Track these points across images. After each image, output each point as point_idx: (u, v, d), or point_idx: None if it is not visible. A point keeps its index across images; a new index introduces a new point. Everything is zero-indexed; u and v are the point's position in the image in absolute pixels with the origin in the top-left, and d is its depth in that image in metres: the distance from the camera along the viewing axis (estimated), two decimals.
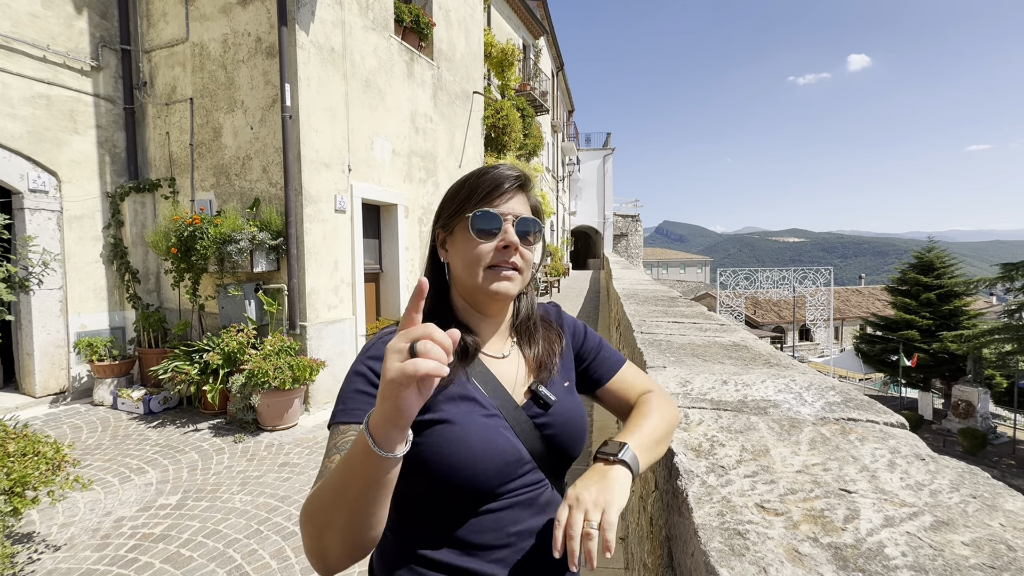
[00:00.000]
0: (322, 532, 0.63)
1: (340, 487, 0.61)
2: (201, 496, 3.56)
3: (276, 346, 4.90)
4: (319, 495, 0.63)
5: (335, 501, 0.61)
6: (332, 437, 0.72)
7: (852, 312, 33.57)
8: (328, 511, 0.62)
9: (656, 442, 0.80)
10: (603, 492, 0.67)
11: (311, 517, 0.64)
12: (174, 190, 6.12)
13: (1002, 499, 0.67)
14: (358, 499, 0.59)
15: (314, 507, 0.63)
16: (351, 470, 0.59)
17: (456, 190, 0.86)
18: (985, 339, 17.49)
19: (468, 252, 0.82)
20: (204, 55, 5.78)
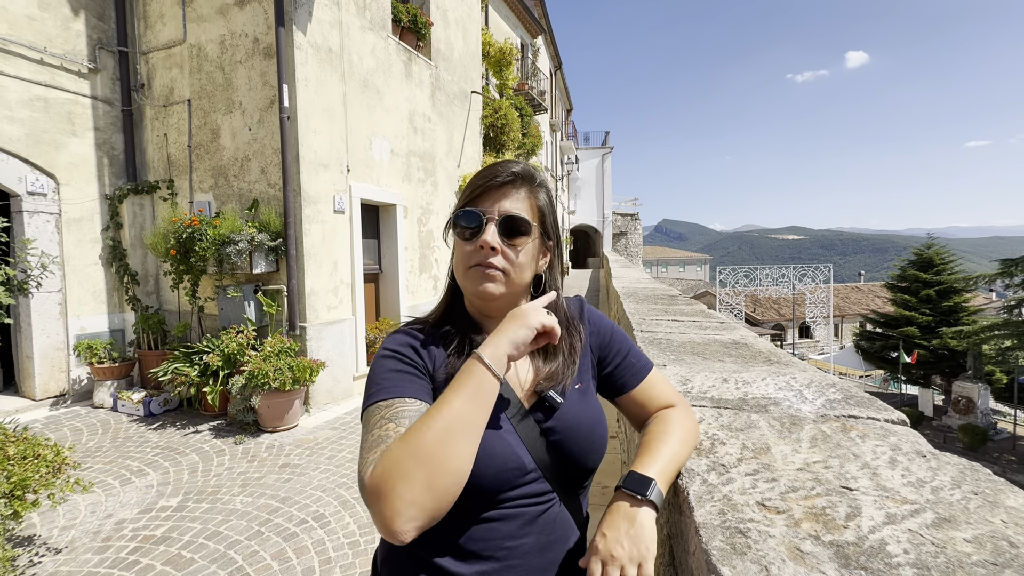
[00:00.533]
0: (442, 468, 0.62)
1: (465, 418, 0.66)
2: (202, 498, 3.56)
3: (276, 347, 4.90)
4: (433, 434, 0.63)
5: (462, 431, 0.65)
6: (374, 414, 0.71)
7: (852, 309, 33.58)
8: (452, 444, 0.64)
9: (676, 471, 0.76)
10: (636, 544, 0.64)
11: (428, 457, 0.62)
12: (172, 192, 6.12)
13: (1003, 496, 0.67)
14: (480, 425, 0.67)
15: (430, 446, 0.62)
16: (474, 400, 0.67)
17: (462, 192, 0.87)
18: (985, 335, 17.50)
19: (456, 252, 0.84)
20: (202, 56, 5.78)
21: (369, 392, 0.75)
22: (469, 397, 0.68)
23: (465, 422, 0.66)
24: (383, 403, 0.72)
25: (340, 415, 5.43)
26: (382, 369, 0.77)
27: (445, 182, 8.18)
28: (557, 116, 20.75)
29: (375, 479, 0.62)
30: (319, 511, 3.41)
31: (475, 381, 0.69)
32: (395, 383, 0.74)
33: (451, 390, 0.68)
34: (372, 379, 0.77)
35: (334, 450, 4.47)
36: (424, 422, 0.65)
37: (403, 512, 0.60)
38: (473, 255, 0.80)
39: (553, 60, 19.84)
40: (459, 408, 0.66)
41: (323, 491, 3.69)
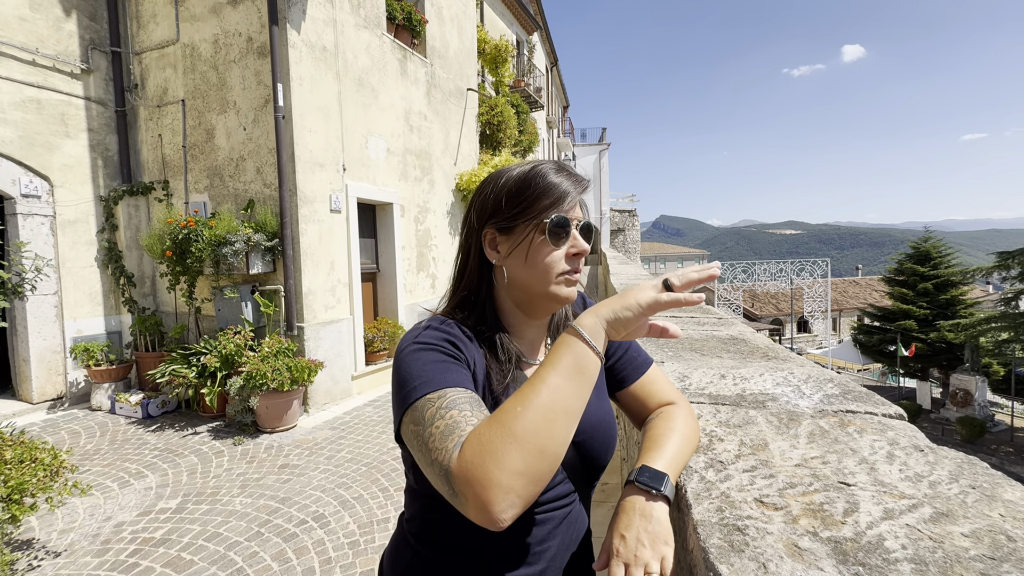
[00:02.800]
0: (542, 451, 0.57)
1: (565, 398, 0.60)
2: (201, 499, 3.55)
3: (274, 348, 4.89)
4: (532, 414, 0.58)
5: (561, 413, 0.59)
6: (427, 408, 0.64)
7: (850, 303, 33.67)
8: (552, 425, 0.59)
9: (681, 468, 0.76)
10: (657, 541, 0.63)
11: (526, 439, 0.57)
12: (168, 193, 6.09)
13: (1001, 489, 0.67)
14: (580, 408, 0.62)
15: (528, 427, 0.57)
16: (574, 378, 0.61)
17: (519, 188, 0.79)
18: (982, 328, 17.56)
19: (540, 257, 0.77)
20: (195, 56, 5.74)
21: (410, 387, 0.67)
22: (569, 375, 0.62)
23: (565, 403, 0.60)
24: (432, 395, 0.65)
25: (339, 415, 5.43)
26: (422, 362, 0.69)
27: (442, 180, 8.16)
28: (554, 113, 20.71)
29: (466, 464, 0.57)
30: (319, 511, 3.41)
31: (573, 357, 0.63)
32: (441, 373, 0.68)
33: (548, 366, 0.63)
34: (411, 372, 0.69)
35: (333, 450, 4.46)
36: (519, 401, 0.60)
37: (502, 498, 0.55)
38: (567, 261, 0.79)
39: (549, 56, 19.79)
40: (557, 386, 0.61)
41: (322, 491, 3.69)
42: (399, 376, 0.70)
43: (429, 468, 0.61)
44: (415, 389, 0.67)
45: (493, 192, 0.81)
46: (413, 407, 0.66)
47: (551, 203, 0.77)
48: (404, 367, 0.70)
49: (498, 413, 0.60)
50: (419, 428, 0.63)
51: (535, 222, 0.77)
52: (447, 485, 0.58)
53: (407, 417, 0.66)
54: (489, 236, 0.81)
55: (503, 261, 0.81)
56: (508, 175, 0.81)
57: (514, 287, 0.81)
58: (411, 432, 0.65)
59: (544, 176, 0.79)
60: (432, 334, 0.74)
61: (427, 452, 0.61)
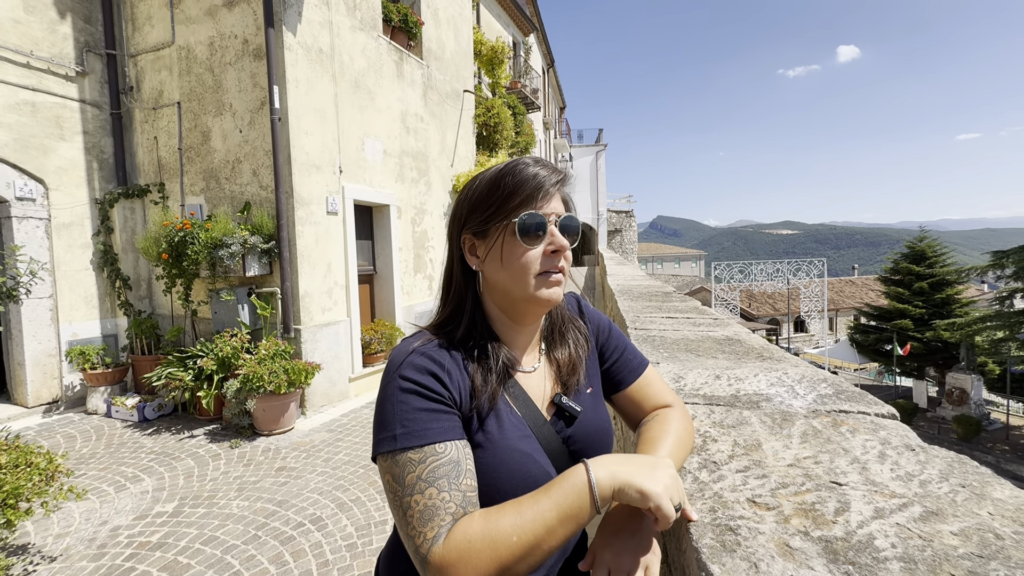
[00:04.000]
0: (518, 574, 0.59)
1: (554, 537, 0.60)
2: (198, 503, 3.54)
3: (270, 350, 4.88)
4: (521, 545, 0.58)
5: (547, 550, 0.60)
6: (407, 469, 0.64)
7: (846, 303, 33.80)
8: (534, 557, 0.59)
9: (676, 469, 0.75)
10: (641, 549, 0.63)
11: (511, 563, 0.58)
12: (163, 195, 6.08)
13: (990, 488, 0.67)
14: (563, 543, 0.61)
15: (514, 554, 0.58)
16: (570, 521, 0.60)
17: (490, 190, 0.76)
18: (977, 327, 17.65)
19: (514, 259, 0.75)
20: (191, 58, 5.74)
21: (389, 433, 0.66)
22: (566, 519, 0.60)
23: (553, 543, 0.60)
24: (412, 453, 0.64)
25: (336, 417, 5.42)
26: (404, 407, 0.67)
27: (439, 182, 8.16)
28: (550, 114, 20.75)
29: (447, 562, 0.58)
30: (316, 514, 3.40)
31: (577, 504, 0.61)
32: (423, 424, 0.66)
33: (550, 498, 0.61)
34: (392, 415, 0.67)
35: (331, 452, 4.45)
36: (516, 529, 0.59)
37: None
38: (544, 261, 0.75)
39: (545, 58, 19.83)
40: (553, 529, 0.60)
41: (320, 494, 3.68)
42: (381, 413, 0.69)
43: (404, 536, 0.63)
44: (395, 439, 0.65)
45: (467, 197, 0.79)
46: (393, 459, 0.65)
47: (521, 200, 0.74)
48: (388, 405, 0.68)
49: (493, 523, 0.60)
50: (397, 487, 0.64)
51: (505, 222, 0.75)
52: (422, 569, 0.60)
53: (384, 464, 0.66)
54: (468, 242, 0.80)
55: (481, 266, 0.79)
56: (482, 177, 0.79)
57: (495, 292, 0.80)
58: (387, 483, 0.66)
59: (514, 173, 0.76)
60: (418, 363, 0.70)
61: (403, 521, 0.63)
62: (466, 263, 0.80)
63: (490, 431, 0.71)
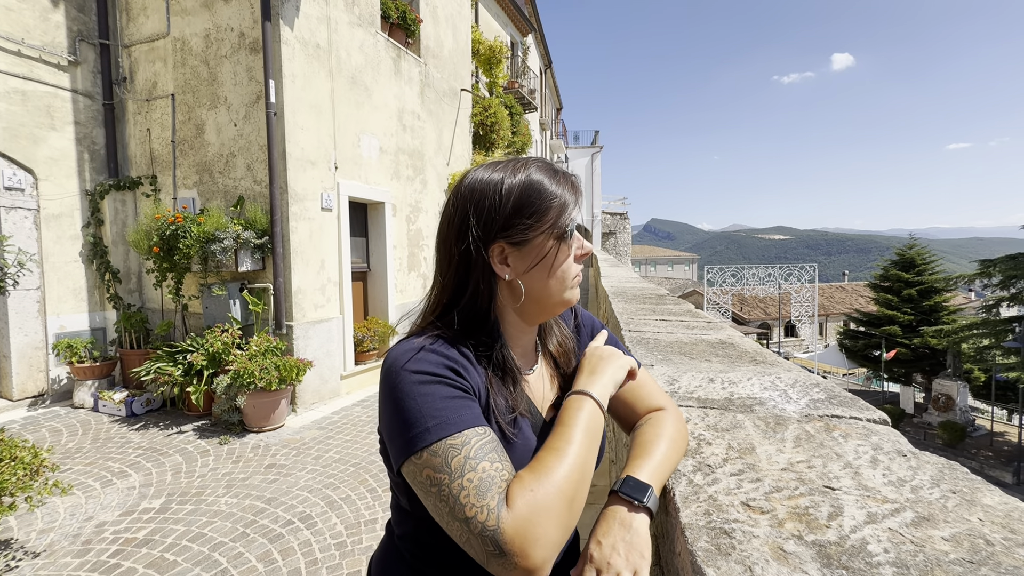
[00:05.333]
0: (579, 509, 0.61)
1: (588, 460, 0.65)
2: (185, 499, 3.51)
3: (262, 346, 4.84)
4: (575, 475, 0.62)
5: (588, 474, 0.64)
6: (451, 454, 0.61)
7: (836, 308, 34.12)
8: (584, 485, 0.63)
9: (668, 475, 0.75)
10: (631, 552, 0.63)
11: (572, 499, 0.61)
12: (155, 188, 6.01)
13: (980, 494, 0.68)
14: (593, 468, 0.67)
15: (573, 488, 0.61)
16: (593, 441, 0.67)
17: (527, 198, 0.73)
18: (964, 334, 17.90)
19: (560, 266, 0.75)
20: (186, 50, 5.68)
21: (421, 427, 0.62)
22: (591, 437, 0.67)
23: (589, 464, 0.65)
24: (453, 440, 0.61)
25: (327, 415, 5.39)
26: (432, 397, 0.64)
27: (434, 180, 8.14)
28: (547, 115, 20.77)
29: (522, 522, 0.56)
30: (305, 512, 3.38)
31: (593, 423, 0.69)
32: (455, 412, 0.64)
33: (572, 427, 0.67)
34: (418, 410, 0.63)
35: (321, 450, 4.43)
36: (559, 460, 0.62)
37: (551, 554, 0.57)
38: (575, 267, 0.78)
39: (543, 59, 19.85)
40: (586, 448, 0.65)
41: (309, 491, 3.66)
42: (403, 412, 0.64)
43: (457, 523, 0.58)
44: (429, 431, 0.62)
45: (496, 203, 0.74)
46: (431, 451, 0.61)
47: (561, 207, 0.75)
48: (409, 401, 0.64)
49: (542, 469, 0.62)
50: (442, 477, 0.60)
51: (555, 230, 0.74)
52: (489, 545, 0.56)
53: (419, 461, 0.62)
54: (498, 251, 0.75)
55: (520, 276, 0.75)
56: (507, 183, 0.75)
57: (529, 299, 0.77)
58: (427, 479, 0.61)
59: (546, 182, 0.75)
60: (431, 358, 0.68)
61: (455, 507, 0.58)
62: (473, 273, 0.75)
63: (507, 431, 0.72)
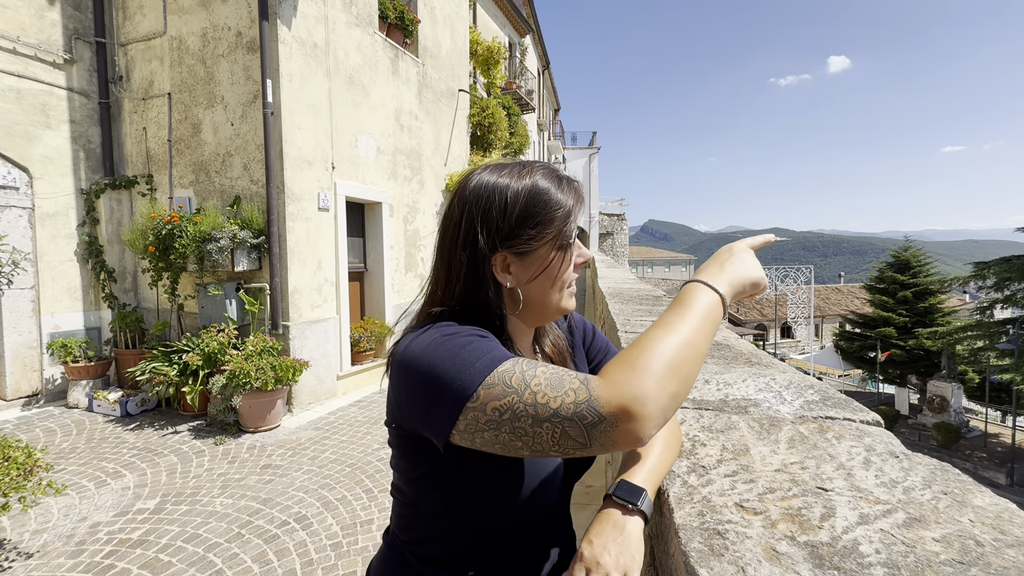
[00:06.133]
0: (686, 381, 0.59)
1: (699, 339, 0.61)
2: (180, 500, 3.49)
3: (258, 346, 4.83)
4: (679, 350, 0.58)
5: (699, 352, 0.61)
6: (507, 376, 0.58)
7: (832, 310, 34.26)
8: (693, 361, 0.60)
9: (662, 477, 0.75)
10: (623, 553, 0.62)
11: (679, 366, 0.57)
12: (151, 187, 5.99)
13: (971, 495, 0.69)
14: (704, 355, 0.63)
15: (681, 358, 0.58)
16: (705, 323, 0.63)
17: (532, 207, 0.73)
18: (958, 336, 17.99)
19: (561, 275, 0.76)
20: (182, 49, 5.66)
21: (472, 368, 0.60)
22: (708, 325, 0.63)
23: (702, 343, 0.61)
24: (501, 368, 0.59)
25: (323, 415, 5.38)
26: (469, 345, 0.63)
27: (432, 180, 8.14)
28: (545, 116, 20.79)
29: (618, 384, 0.55)
30: (301, 512, 3.37)
31: (714, 313, 0.65)
32: (496, 348, 0.63)
33: (689, 309, 0.63)
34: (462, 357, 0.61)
35: (317, 450, 4.42)
36: (667, 334, 0.59)
37: (658, 416, 0.55)
38: (572, 273, 0.77)
39: (541, 59, 19.87)
40: (700, 332, 0.61)
41: (305, 492, 3.65)
42: (443, 367, 0.61)
43: (546, 425, 0.56)
44: (478, 371, 0.59)
45: (502, 211, 0.73)
46: (486, 386, 0.58)
47: (565, 217, 0.74)
48: (448, 355, 0.62)
49: (644, 339, 0.60)
50: (510, 398, 0.57)
51: (558, 241, 0.74)
52: (587, 416, 0.55)
53: (478, 403, 0.58)
54: (501, 260, 0.74)
55: (518, 282, 0.75)
56: (512, 189, 0.73)
57: (528, 307, 0.77)
58: (493, 412, 0.58)
59: (552, 190, 0.74)
60: (449, 325, 0.68)
61: (537, 411, 0.56)
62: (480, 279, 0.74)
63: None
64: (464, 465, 0.69)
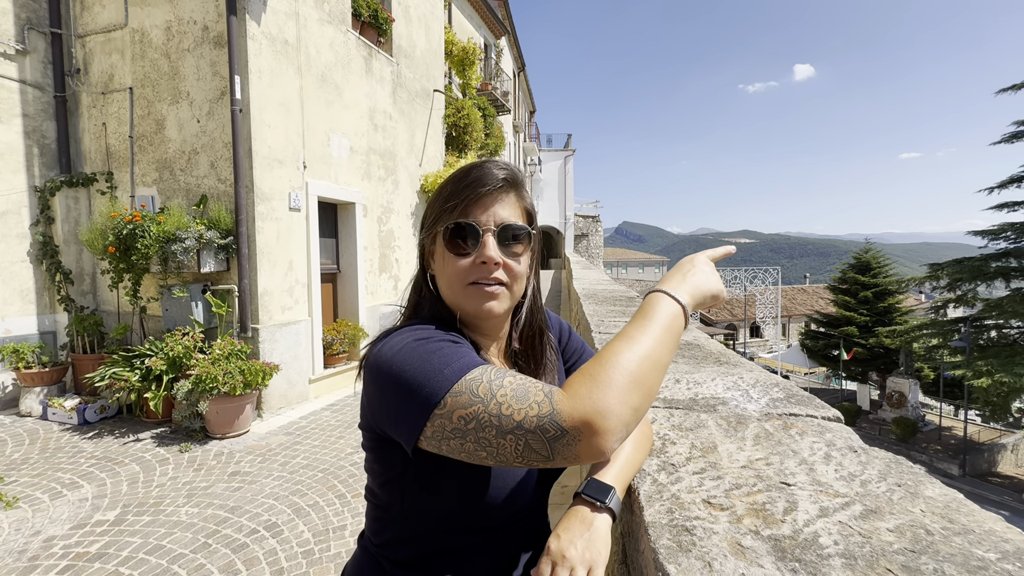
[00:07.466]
0: (649, 393, 0.60)
1: (661, 351, 0.63)
2: (143, 510, 3.36)
3: (226, 350, 4.69)
4: (641, 363, 0.59)
5: (661, 364, 0.62)
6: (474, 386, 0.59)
7: (798, 310, 35.42)
8: (655, 372, 0.61)
9: (632, 476, 0.76)
10: (589, 547, 0.63)
11: (642, 380, 0.58)
12: (112, 185, 5.75)
13: (923, 486, 0.72)
14: (667, 366, 0.64)
15: (643, 371, 0.59)
16: (668, 335, 0.64)
17: (436, 195, 0.76)
18: (915, 334, 18.85)
19: (446, 268, 0.74)
20: (145, 42, 5.46)
21: (439, 375, 0.60)
22: (669, 337, 0.64)
23: (664, 355, 0.63)
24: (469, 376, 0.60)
25: (295, 420, 5.26)
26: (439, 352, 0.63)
27: (406, 181, 8.06)
28: (520, 117, 20.85)
29: (582, 399, 0.56)
30: (271, 520, 3.29)
31: (675, 324, 0.66)
32: (466, 355, 0.63)
33: (646, 319, 0.65)
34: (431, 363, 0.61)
35: (288, 456, 4.32)
36: (630, 346, 0.61)
37: (620, 429, 0.56)
38: (471, 271, 0.72)
39: (516, 61, 19.93)
40: (662, 344, 0.63)
41: (276, 499, 3.56)
42: (413, 373, 0.61)
43: (510, 437, 0.57)
44: (446, 377, 0.60)
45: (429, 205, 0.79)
46: (453, 394, 0.59)
47: (454, 206, 0.73)
48: (417, 361, 0.62)
49: (607, 353, 0.60)
50: (475, 408, 0.58)
51: (440, 229, 0.74)
52: (549, 430, 0.55)
53: (445, 410, 0.59)
54: (428, 247, 0.79)
55: (434, 272, 0.78)
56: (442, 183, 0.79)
57: (445, 300, 0.77)
58: (459, 421, 0.58)
59: (455, 178, 0.75)
60: (423, 328, 0.68)
61: (501, 422, 0.57)
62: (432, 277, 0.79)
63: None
64: (436, 468, 0.69)
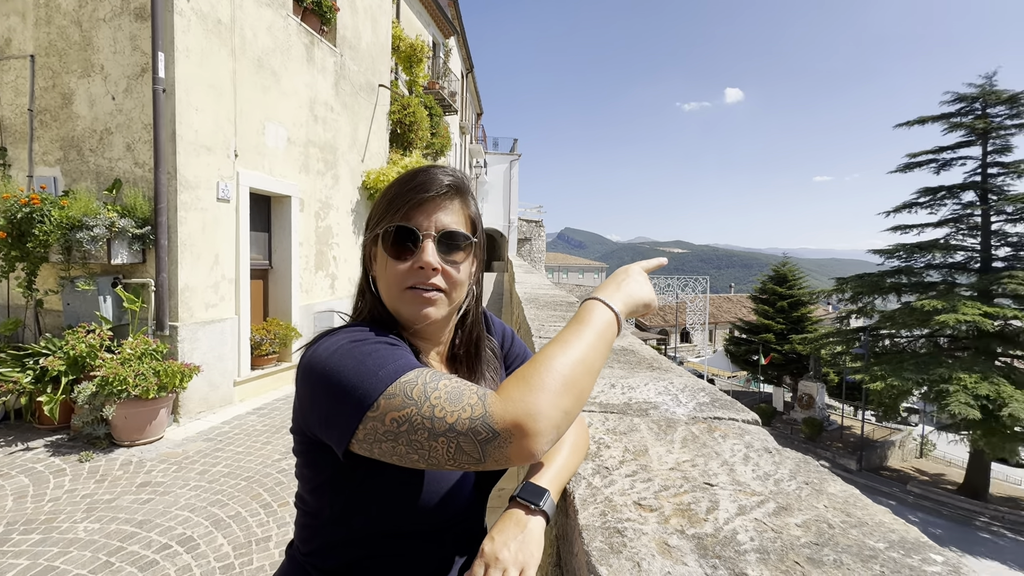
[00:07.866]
0: (580, 397, 0.61)
1: (594, 355, 0.64)
2: (32, 528, 3.00)
3: (138, 349, 4.30)
4: (574, 367, 0.61)
5: (593, 369, 0.64)
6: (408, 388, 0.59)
7: (724, 317, 37.82)
8: (588, 376, 0.63)
9: (568, 479, 0.78)
10: (523, 549, 0.64)
11: (573, 384, 0.60)
12: (4, 162, 5.12)
13: (827, 484, 0.79)
14: (599, 372, 0.66)
15: (575, 376, 0.61)
16: (601, 340, 0.66)
17: (381, 197, 0.77)
18: (822, 341, 20.70)
19: (386, 271, 0.74)
20: (52, 7, 4.92)
21: (373, 376, 0.60)
22: (602, 342, 0.66)
23: (596, 360, 0.64)
24: (403, 379, 0.60)
25: (216, 424, 4.91)
26: (375, 354, 0.63)
27: (347, 176, 7.79)
28: (467, 119, 20.79)
29: (512, 401, 0.56)
30: (186, 533, 3.04)
31: (608, 330, 0.68)
32: (401, 358, 0.63)
33: (581, 325, 0.66)
34: (366, 364, 0.61)
35: (207, 464, 4.02)
36: (563, 351, 0.62)
37: (550, 432, 0.57)
38: (409, 276, 0.72)
39: (465, 62, 19.87)
40: (594, 349, 0.65)
41: (192, 511, 3.31)
42: (347, 374, 0.61)
43: (442, 440, 0.57)
44: (380, 379, 0.59)
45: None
46: (386, 396, 0.58)
47: (396, 210, 0.74)
48: (351, 363, 0.61)
49: (540, 356, 0.61)
50: (408, 410, 0.57)
51: (380, 231, 0.75)
52: (480, 432, 0.56)
53: (378, 412, 0.58)
54: (370, 249, 0.79)
55: (375, 275, 0.78)
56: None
57: (392, 310, 0.77)
58: (392, 423, 0.58)
59: (399, 182, 0.76)
60: (360, 331, 0.68)
61: (433, 425, 0.57)
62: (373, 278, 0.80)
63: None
64: (367, 472, 0.68)
